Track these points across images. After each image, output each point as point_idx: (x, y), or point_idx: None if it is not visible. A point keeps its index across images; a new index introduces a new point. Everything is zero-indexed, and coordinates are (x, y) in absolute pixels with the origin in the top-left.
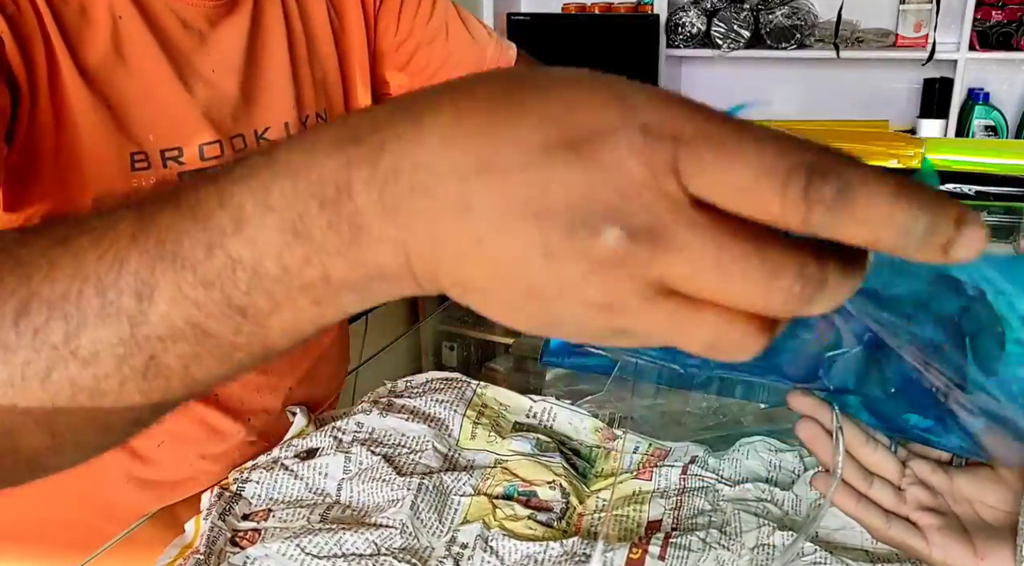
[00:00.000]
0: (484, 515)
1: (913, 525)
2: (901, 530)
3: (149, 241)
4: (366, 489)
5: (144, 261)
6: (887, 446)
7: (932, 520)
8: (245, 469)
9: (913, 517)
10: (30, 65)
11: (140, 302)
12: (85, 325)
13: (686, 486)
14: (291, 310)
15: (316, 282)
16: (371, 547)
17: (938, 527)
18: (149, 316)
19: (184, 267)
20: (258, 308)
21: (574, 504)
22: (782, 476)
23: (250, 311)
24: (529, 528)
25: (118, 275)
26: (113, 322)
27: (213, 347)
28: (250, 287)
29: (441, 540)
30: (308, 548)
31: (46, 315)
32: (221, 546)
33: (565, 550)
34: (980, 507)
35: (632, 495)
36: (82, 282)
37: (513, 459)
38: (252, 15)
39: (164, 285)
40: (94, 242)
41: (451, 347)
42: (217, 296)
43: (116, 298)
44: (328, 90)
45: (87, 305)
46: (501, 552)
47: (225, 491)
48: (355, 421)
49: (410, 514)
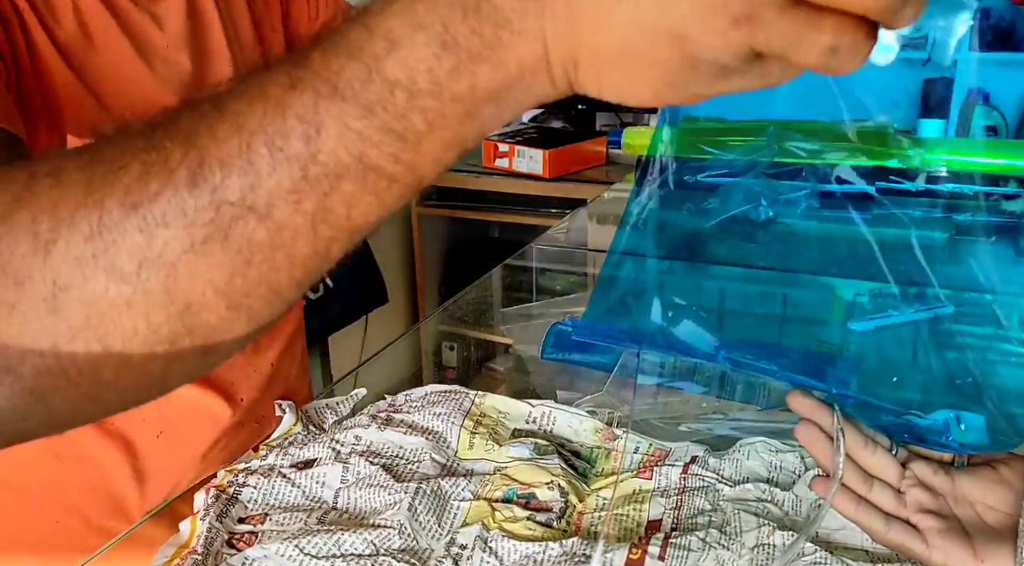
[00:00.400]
0: (483, 517)
1: (913, 528)
2: (901, 533)
3: (307, 85)
4: (363, 495)
5: (306, 104)
6: (887, 448)
7: (932, 522)
8: (238, 471)
9: (913, 519)
10: (12, 42)
11: (308, 144)
12: (259, 177)
13: (686, 485)
14: (442, 129)
15: (463, 93)
16: (370, 547)
17: (938, 529)
18: (318, 156)
19: (345, 99)
20: (414, 130)
21: (573, 503)
22: (783, 477)
23: (408, 134)
24: (528, 529)
25: (283, 122)
26: (284, 169)
27: (373, 183)
28: (407, 108)
29: (440, 542)
30: (307, 549)
31: (220, 173)
32: (218, 548)
33: (564, 550)
34: (981, 508)
35: (632, 494)
36: (250, 137)
37: (512, 465)
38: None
39: (329, 122)
40: (250, 102)
41: (451, 347)
42: (377, 122)
43: (284, 145)
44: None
45: (258, 158)
46: (500, 552)
47: (222, 493)
48: (353, 434)
49: (408, 515)
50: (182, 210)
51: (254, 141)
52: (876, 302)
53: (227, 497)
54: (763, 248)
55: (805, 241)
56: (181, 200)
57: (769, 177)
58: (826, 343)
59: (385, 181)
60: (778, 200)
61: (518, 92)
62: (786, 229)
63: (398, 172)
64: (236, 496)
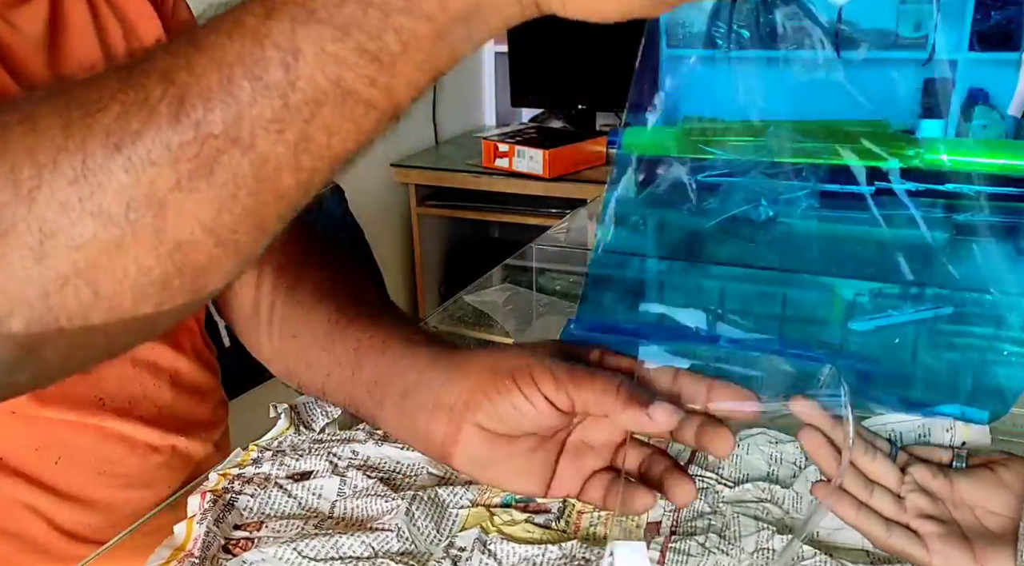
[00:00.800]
0: (482, 522)
1: (914, 533)
2: (901, 538)
3: (283, 13)
4: (360, 504)
5: (283, 31)
6: (887, 453)
7: (932, 528)
8: (232, 476)
9: (913, 525)
10: None
11: (287, 71)
12: (241, 108)
13: None
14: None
15: (434, 11)
16: (368, 550)
17: (938, 534)
18: (297, 82)
19: (321, 22)
20: (389, 51)
21: (571, 502)
22: (783, 471)
23: (382, 55)
24: (527, 531)
25: (262, 52)
26: (265, 99)
27: (351, 109)
28: (380, 27)
29: (439, 547)
30: (305, 551)
31: (202, 108)
32: (215, 552)
33: (564, 553)
34: (980, 512)
35: None
36: (229, 69)
37: None
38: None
39: (306, 47)
40: (228, 34)
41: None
42: (352, 44)
43: (264, 74)
44: None
45: (239, 89)
46: (499, 555)
47: (218, 499)
48: (351, 449)
49: (405, 519)
50: (166, 147)
51: (234, 73)
52: (876, 302)
53: (223, 503)
54: (762, 248)
55: (805, 241)
56: (165, 137)
57: (769, 177)
58: (826, 344)
59: (363, 107)
60: (778, 200)
61: (486, 11)
62: (786, 229)
63: (374, 97)
64: (232, 503)
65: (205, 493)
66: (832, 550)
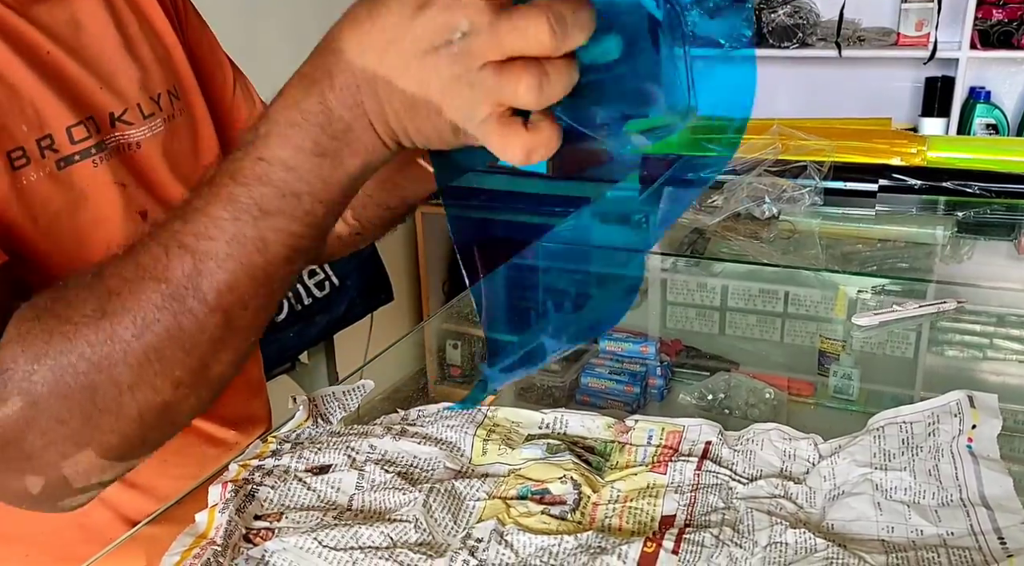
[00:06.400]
0: (498, 513)
1: None
2: None
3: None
4: (378, 497)
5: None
6: None
7: None
8: (252, 467)
9: None
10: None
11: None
12: None
13: (700, 482)
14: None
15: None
16: (387, 540)
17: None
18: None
19: None
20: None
21: (587, 494)
22: (796, 466)
23: None
24: (543, 522)
25: None
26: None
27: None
28: None
29: (456, 538)
30: (325, 541)
31: None
32: (236, 541)
33: (580, 543)
34: None
35: (647, 488)
36: None
37: (525, 465)
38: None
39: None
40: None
41: (455, 345)
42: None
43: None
44: (174, 66)
45: None
46: (516, 545)
47: (239, 489)
48: (368, 443)
49: (423, 511)
50: None
51: None
52: (878, 299)
53: (245, 494)
54: (767, 245)
55: (807, 239)
56: None
57: (772, 175)
58: (828, 340)
59: None
60: (781, 198)
61: (337, 142)
62: (789, 227)
63: None
64: (253, 494)
65: (227, 483)
66: (846, 542)
